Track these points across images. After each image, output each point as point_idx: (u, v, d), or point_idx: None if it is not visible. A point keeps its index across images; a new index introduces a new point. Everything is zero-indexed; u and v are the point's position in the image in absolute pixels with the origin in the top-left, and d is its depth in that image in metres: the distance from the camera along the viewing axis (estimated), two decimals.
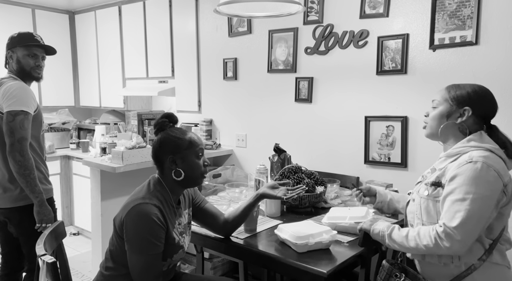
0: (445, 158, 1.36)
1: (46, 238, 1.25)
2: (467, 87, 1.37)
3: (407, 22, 2.13)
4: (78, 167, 3.69)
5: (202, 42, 3.11)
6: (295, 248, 1.43)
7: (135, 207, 1.29)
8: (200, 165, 1.41)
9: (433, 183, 1.33)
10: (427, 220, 1.33)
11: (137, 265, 1.27)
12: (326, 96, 2.48)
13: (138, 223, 1.27)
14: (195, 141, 1.40)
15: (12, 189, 1.83)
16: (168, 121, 1.42)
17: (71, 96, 4.22)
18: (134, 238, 1.27)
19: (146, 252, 1.27)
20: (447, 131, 1.37)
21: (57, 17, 4.01)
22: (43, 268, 1.08)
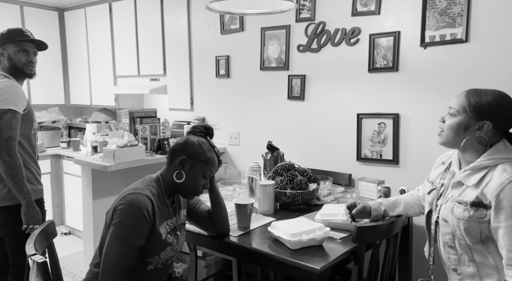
0: (471, 172, 1.28)
1: (36, 238, 1.23)
2: (488, 95, 1.26)
3: (399, 19, 2.14)
4: (69, 166, 3.65)
5: (194, 40, 3.09)
6: (289, 245, 1.43)
7: (128, 195, 1.30)
8: (200, 183, 1.42)
9: (474, 204, 1.24)
10: (470, 241, 1.27)
11: (111, 252, 1.26)
12: (319, 93, 2.49)
13: (127, 210, 1.27)
14: (212, 162, 1.42)
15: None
16: (205, 133, 1.48)
17: (61, 94, 4.17)
18: (118, 224, 1.26)
19: (125, 240, 1.25)
20: (465, 143, 1.29)
21: (46, 14, 3.96)
22: (33, 268, 1.07)
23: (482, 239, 1.25)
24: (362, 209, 1.57)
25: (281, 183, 1.91)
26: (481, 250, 1.26)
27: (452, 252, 1.33)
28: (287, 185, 1.90)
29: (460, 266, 1.32)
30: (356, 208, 1.57)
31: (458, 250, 1.31)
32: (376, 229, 1.45)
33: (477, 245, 1.26)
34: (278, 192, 1.89)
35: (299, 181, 1.90)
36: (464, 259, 1.30)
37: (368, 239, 1.44)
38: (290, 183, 1.90)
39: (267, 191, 1.85)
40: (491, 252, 1.25)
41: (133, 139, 2.42)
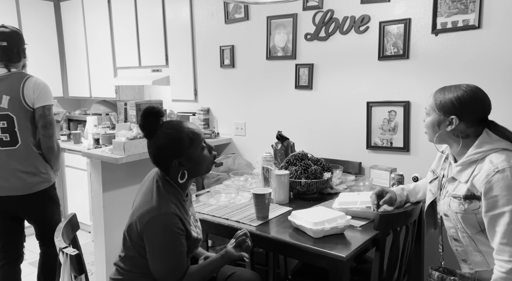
0: (462, 168, 1.35)
1: (63, 230, 1.22)
2: (451, 92, 1.36)
3: (409, 6, 2.13)
4: (71, 159, 3.62)
5: (197, 29, 3.05)
6: (311, 233, 1.44)
7: (154, 219, 1.23)
8: (207, 156, 1.37)
9: (466, 197, 1.32)
10: (471, 232, 1.34)
11: (162, 270, 1.27)
12: (327, 82, 2.48)
13: (160, 237, 1.24)
14: (195, 134, 1.32)
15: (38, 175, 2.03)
16: (155, 118, 1.28)
17: (59, 87, 4.11)
18: (158, 251, 1.25)
19: (171, 261, 1.27)
20: (445, 139, 1.40)
21: (41, 4, 3.87)
22: (66, 262, 1.05)
23: (482, 229, 1.31)
24: (389, 199, 1.59)
25: (296, 173, 1.91)
26: (483, 240, 1.32)
27: (458, 245, 1.41)
28: (301, 174, 1.90)
29: (468, 257, 1.39)
30: (384, 199, 1.58)
31: (463, 242, 1.38)
32: (398, 216, 1.47)
33: (479, 235, 1.33)
34: (293, 181, 1.89)
35: (313, 170, 1.90)
36: (470, 250, 1.37)
37: (390, 226, 1.45)
38: (305, 172, 1.90)
39: (282, 181, 1.85)
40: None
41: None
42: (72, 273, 1.06)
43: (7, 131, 1.95)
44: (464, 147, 1.36)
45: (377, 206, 1.58)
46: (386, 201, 1.58)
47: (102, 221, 2.38)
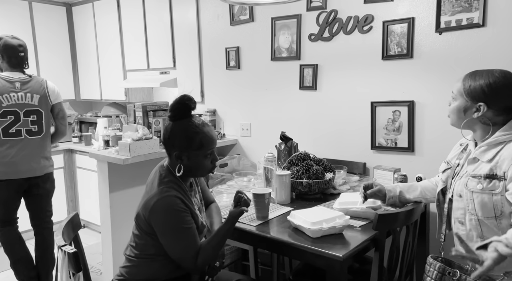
0: (487, 148, 1.31)
1: (64, 229, 1.26)
2: (482, 78, 1.31)
3: (413, 5, 2.11)
4: (82, 160, 3.69)
5: (203, 32, 3.08)
6: (309, 233, 1.44)
7: (157, 203, 1.29)
8: (206, 165, 1.40)
9: (487, 176, 1.28)
10: (483, 214, 1.29)
11: (176, 250, 1.32)
12: (331, 82, 2.47)
13: (165, 218, 1.29)
14: (207, 143, 1.35)
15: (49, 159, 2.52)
16: (185, 109, 1.33)
17: (71, 90, 4.20)
18: (167, 232, 1.30)
19: (181, 239, 1.30)
20: (469, 125, 1.36)
21: (54, 9, 3.97)
22: (64, 259, 1.09)
23: (496, 215, 1.26)
24: (377, 191, 1.60)
25: (297, 173, 1.91)
26: (492, 226, 1.28)
27: (461, 228, 1.36)
28: (303, 174, 1.90)
29: (469, 242, 1.35)
30: (371, 189, 1.60)
31: (467, 226, 1.34)
32: (396, 216, 1.45)
33: (490, 220, 1.28)
34: (294, 182, 1.90)
35: (315, 170, 1.90)
36: (472, 235, 1.33)
37: (388, 226, 1.44)
38: (306, 172, 1.90)
39: (284, 181, 1.85)
40: (502, 229, 1.25)
41: (147, 132, 2.43)
42: (70, 270, 1.09)
43: (36, 123, 2.42)
44: (489, 133, 1.32)
45: (364, 197, 1.58)
46: (374, 191, 1.59)
47: (109, 221, 2.43)
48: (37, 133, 2.42)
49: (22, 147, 2.37)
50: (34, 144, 2.41)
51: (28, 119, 2.38)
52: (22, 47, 2.41)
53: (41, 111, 2.42)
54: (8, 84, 2.33)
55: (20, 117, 2.36)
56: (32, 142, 2.40)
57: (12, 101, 2.33)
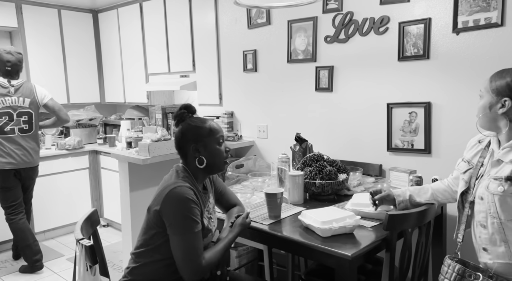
0: (510, 149, 1.30)
1: (82, 224, 1.33)
2: (510, 74, 1.31)
3: (429, 6, 2.09)
4: (106, 161, 3.83)
5: (221, 36, 3.15)
6: (319, 232, 1.45)
7: (170, 192, 1.34)
8: (221, 152, 1.47)
9: (508, 178, 1.26)
10: (506, 218, 1.27)
11: (179, 246, 1.32)
12: (347, 84, 2.48)
13: (176, 205, 1.33)
14: (215, 129, 1.46)
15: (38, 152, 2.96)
16: (187, 112, 1.48)
17: (96, 93, 4.36)
18: (175, 220, 1.32)
19: (188, 230, 1.32)
20: (494, 122, 1.34)
21: (81, 16, 4.14)
22: (81, 252, 1.15)
23: None
24: (386, 196, 1.60)
25: (310, 174, 1.93)
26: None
27: (484, 232, 1.34)
28: (316, 175, 1.91)
29: (491, 246, 1.32)
30: (379, 195, 1.60)
31: (490, 229, 1.31)
32: (407, 216, 1.45)
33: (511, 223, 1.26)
34: (308, 182, 1.91)
35: (328, 171, 1.91)
36: (495, 239, 1.30)
37: (399, 226, 1.44)
38: (319, 173, 1.91)
39: (296, 181, 1.87)
40: None
41: (166, 134, 2.51)
42: (87, 262, 1.16)
43: (27, 123, 2.86)
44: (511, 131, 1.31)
45: (374, 202, 1.58)
46: (382, 196, 1.59)
47: (129, 219, 2.51)
48: (28, 131, 2.87)
49: (16, 143, 2.82)
50: (25, 140, 2.86)
51: (20, 119, 2.82)
52: (10, 62, 2.84)
53: (31, 112, 2.88)
54: (3, 89, 2.79)
55: (13, 117, 2.79)
56: (24, 139, 2.85)
57: (7, 104, 2.77)
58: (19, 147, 2.83)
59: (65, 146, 3.71)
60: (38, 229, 3.60)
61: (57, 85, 3.99)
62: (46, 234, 3.69)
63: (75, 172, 3.80)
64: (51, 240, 3.68)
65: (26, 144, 2.87)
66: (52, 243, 3.59)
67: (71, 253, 3.33)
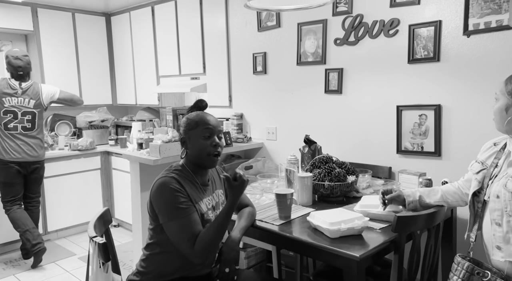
0: None
1: (95, 223, 1.36)
2: None
3: (440, 8, 2.09)
4: (117, 162, 3.88)
5: (232, 38, 3.18)
6: (328, 233, 1.46)
7: (155, 184, 1.42)
8: (205, 145, 1.46)
9: None
10: None
11: (173, 231, 1.38)
12: (357, 86, 2.48)
13: (160, 195, 1.39)
14: (202, 121, 1.47)
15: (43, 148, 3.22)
16: (199, 108, 1.55)
17: (108, 95, 4.42)
18: (163, 209, 1.39)
19: (177, 217, 1.37)
20: (510, 124, 1.36)
21: (94, 19, 4.22)
22: (95, 249, 1.18)
23: None
24: (397, 196, 1.61)
25: (319, 175, 1.94)
26: None
27: (498, 230, 1.35)
28: (325, 177, 1.92)
29: (504, 244, 1.33)
30: (390, 195, 1.61)
31: (505, 228, 1.32)
32: (416, 218, 1.45)
33: None
34: (316, 184, 1.92)
35: (337, 173, 1.92)
36: (509, 238, 1.31)
37: (408, 228, 1.44)
38: (328, 175, 1.92)
39: (305, 183, 1.89)
40: None
41: (177, 135, 2.54)
42: (100, 259, 1.19)
43: (30, 122, 3.10)
44: None
45: (384, 202, 1.60)
46: (393, 196, 1.61)
47: (140, 219, 2.55)
48: (30, 129, 3.11)
49: (19, 139, 3.05)
50: (28, 137, 3.09)
51: (24, 118, 3.07)
52: (21, 68, 3.08)
53: (35, 112, 3.13)
54: (12, 90, 3.05)
55: (18, 116, 3.04)
56: (26, 136, 3.09)
57: (13, 103, 3.03)
58: (22, 142, 3.05)
59: (77, 147, 3.78)
60: (51, 228, 3.67)
61: (71, 86, 4.06)
62: (59, 233, 3.76)
63: (87, 173, 3.86)
64: (63, 239, 3.74)
65: (29, 140, 3.09)
66: (64, 242, 3.66)
67: (83, 252, 3.39)
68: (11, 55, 3.08)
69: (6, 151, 3.02)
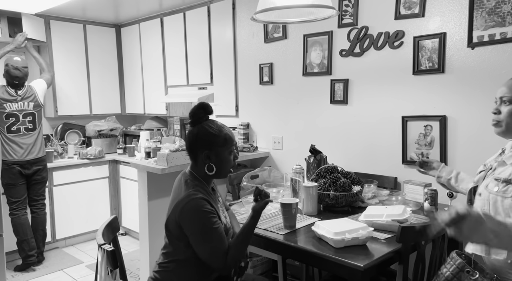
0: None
1: (104, 230, 1.39)
2: None
3: (444, 21, 2.12)
4: (125, 170, 3.93)
5: (239, 49, 3.23)
6: (332, 243, 1.48)
7: (186, 206, 1.38)
8: (231, 161, 1.51)
9: (505, 180, 1.32)
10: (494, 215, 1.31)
11: (206, 251, 1.39)
12: (362, 97, 2.51)
13: (194, 219, 1.37)
14: (230, 139, 1.49)
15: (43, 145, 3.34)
16: (204, 112, 1.47)
17: (117, 104, 4.50)
18: (196, 232, 1.38)
19: (211, 240, 1.37)
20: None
21: (105, 30, 4.31)
22: (103, 256, 1.21)
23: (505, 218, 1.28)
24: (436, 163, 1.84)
25: (324, 185, 1.95)
26: None
27: None
28: (330, 187, 1.94)
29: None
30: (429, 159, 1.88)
31: None
32: (420, 229, 1.45)
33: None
34: (322, 193, 1.94)
35: (342, 183, 1.93)
36: None
37: (412, 239, 1.45)
38: (333, 185, 1.94)
39: (310, 192, 1.90)
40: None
41: (184, 144, 2.57)
42: (108, 267, 1.21)
43: (31, 122, 3.28)
44: None
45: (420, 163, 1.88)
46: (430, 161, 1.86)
47: (147, 227, 2.57)
48: (32, 129, 3.29)
49: (22, 139, 3.21)
50: (29, 136, 3.25)
51: (26, 119, 3.25)
52: (18, 78, 3.23)
53: (34, 113, 3.32)
54: (11, 97, 3.21)
55: (19, 118, 3.22)
56: (28, 136, 3.25)
57: (14, 108, 3.21)
58: (24, 142, 3.21)
59: (86, 156, 3.84)
60: (59, 236, 3.71)
61: (81, 96, 4.15)
62: (67, 241, 3.80)
63: (95, 181, 3.92)
64: (71, 247, 3.78)
65: (31, 139, 3.26)
66: (72, 250, 3.69)
67: (91, 260, 3.42)
68: (11, 64, 3.21)
69: (9, 153, 3.15)
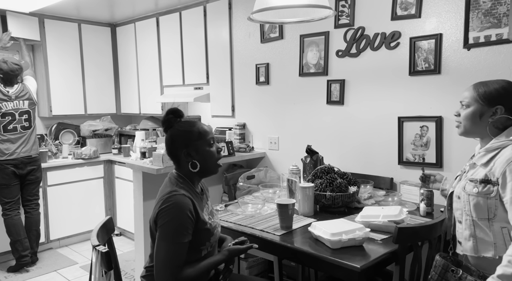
0: (485, 153, 1.43)
1: (98, 231, 1.37)
2: (494, 84, 1.43)
3: (440, 22, 2.12)
4: (120, 171, 3.90)
5: (235, 49, 3.22)
6: (329, 244, 1.47)
7: (167, 199, 1.35)
8: (213, 153, 1.48)
9: (482, 181, 1.39)
10: (477, 216, 1.40)
11: (162, 252, 1.33)
12: (358, 97, 2.51)
13: (172, 213, 1.33)
14: (205, 130, 1.47)
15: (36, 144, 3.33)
16: (174, 117, 1.47)
17: (113, 104, 4.46)
18: (165, 226, 1.33)
19: (172, 240, 1.32)
20: (483, 129, 1.45)
21: (100, 30, 4.28)
22: (98, 258, 1.19)
23: (489, 217, 1.37)
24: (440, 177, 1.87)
25: (321, 186, 1.95)
26: (484, 228, 1.38)
27: (460, 227, 1.48)
28: (326, 187, 1.93)
29: (463, 240, 1.45)
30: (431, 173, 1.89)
31: (463, 225, 1.45)
32: (417, 230, 1.45)
33: (483, 221, 1.38)
34: (318, 194, 1.93)
35: (338, 183, 1.93)
36: (467, 235, 1.43)
37: (409, 240, 1.44)
38: (330, 185, 1.93)
39: (307, 193, 1.90)
40: (493, 231, 1.37)
41: None
42: (103, 268, 1.20)
43: (27, 120, 3.28)
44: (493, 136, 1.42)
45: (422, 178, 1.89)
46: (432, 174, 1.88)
47: (142, 228, 2.55)
48: (28, 127, 3.28)
49: (18, 139, 3.19)
50: (25, 135, 3.25)
51: (22, 118, 3.25)
52: (2, 70, 3.17)
53: (30, 111, 3.31)
54: (4, 96, 3.17)
55: (16, 117, 3.21)
56: (23, 134, 3.25)
57: (9, 107, 3.19)
58: (20, 141, 3.20)
59: (81, 156, 3.81)
60: (53, 236, 3.68)
61: (75, 96, 4.11)
62: (61, 241, 3.77)
63: (90, 181, 3.89)
64: (65, 247, 3.75)
65: (26, 137, 3.25)
66: (66, 251, 3.66)
67: (85, 261, 3.39)
68: (2, 58, 3.23)
69: (4, 152, 3.12)
